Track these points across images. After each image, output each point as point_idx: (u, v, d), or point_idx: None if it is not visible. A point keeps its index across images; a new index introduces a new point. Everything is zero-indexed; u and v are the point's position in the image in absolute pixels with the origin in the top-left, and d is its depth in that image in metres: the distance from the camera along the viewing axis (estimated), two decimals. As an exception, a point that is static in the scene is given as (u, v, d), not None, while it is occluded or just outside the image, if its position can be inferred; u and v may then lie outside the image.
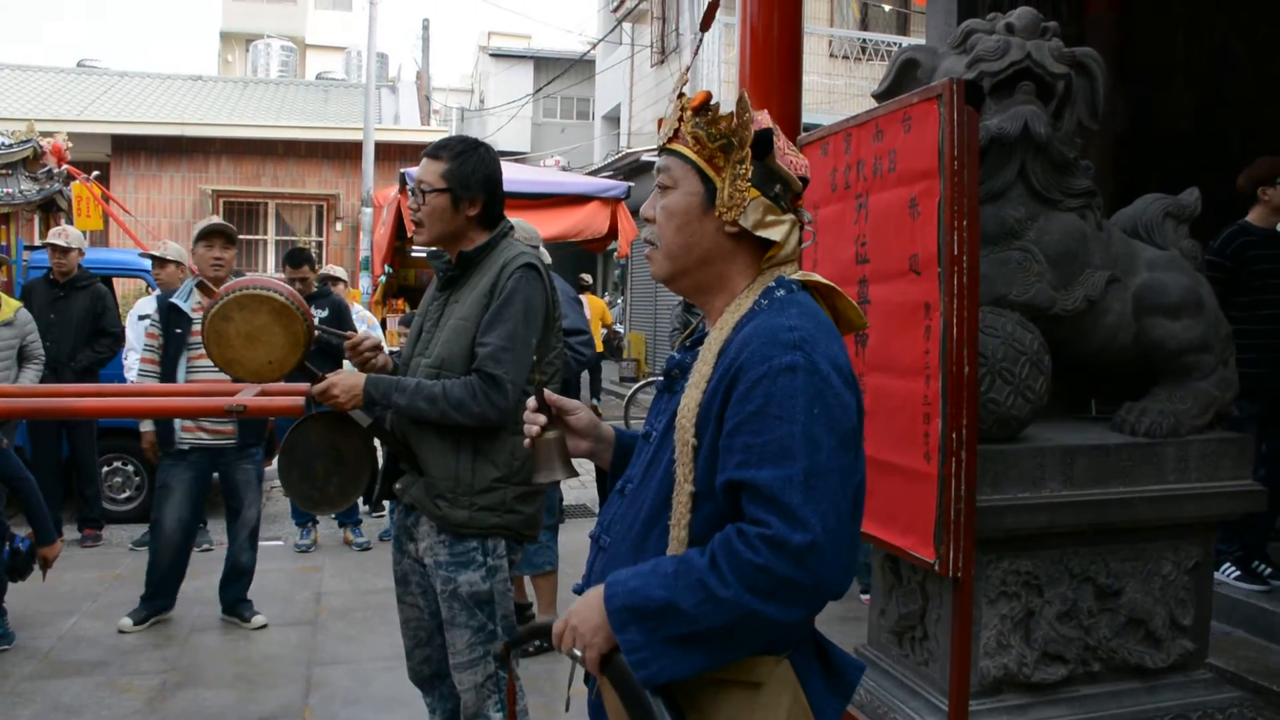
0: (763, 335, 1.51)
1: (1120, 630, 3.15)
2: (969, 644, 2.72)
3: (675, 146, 1.67)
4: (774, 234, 1.62)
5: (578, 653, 1.56)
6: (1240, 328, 3.81)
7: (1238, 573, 4.83)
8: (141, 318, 6.66)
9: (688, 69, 2.34)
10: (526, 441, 1.81)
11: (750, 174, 1.61)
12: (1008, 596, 3.03)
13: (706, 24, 4.69)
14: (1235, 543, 4.82)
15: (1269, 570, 4.82)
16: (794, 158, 1.66)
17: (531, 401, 1.80)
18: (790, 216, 1.65)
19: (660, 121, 1.72)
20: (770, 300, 1.59)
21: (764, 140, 1.62)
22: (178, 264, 6.72)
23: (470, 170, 2.79)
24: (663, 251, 1.68)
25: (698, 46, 13.89)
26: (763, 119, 1.65)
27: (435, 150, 2.83)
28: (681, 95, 1.66)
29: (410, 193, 2.85)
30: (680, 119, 1.66)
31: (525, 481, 2.75)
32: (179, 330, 5.03)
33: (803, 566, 1.39)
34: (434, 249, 2.90)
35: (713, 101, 1.65)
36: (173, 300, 5.09)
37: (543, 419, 1.78)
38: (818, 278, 1.67)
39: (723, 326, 1.60)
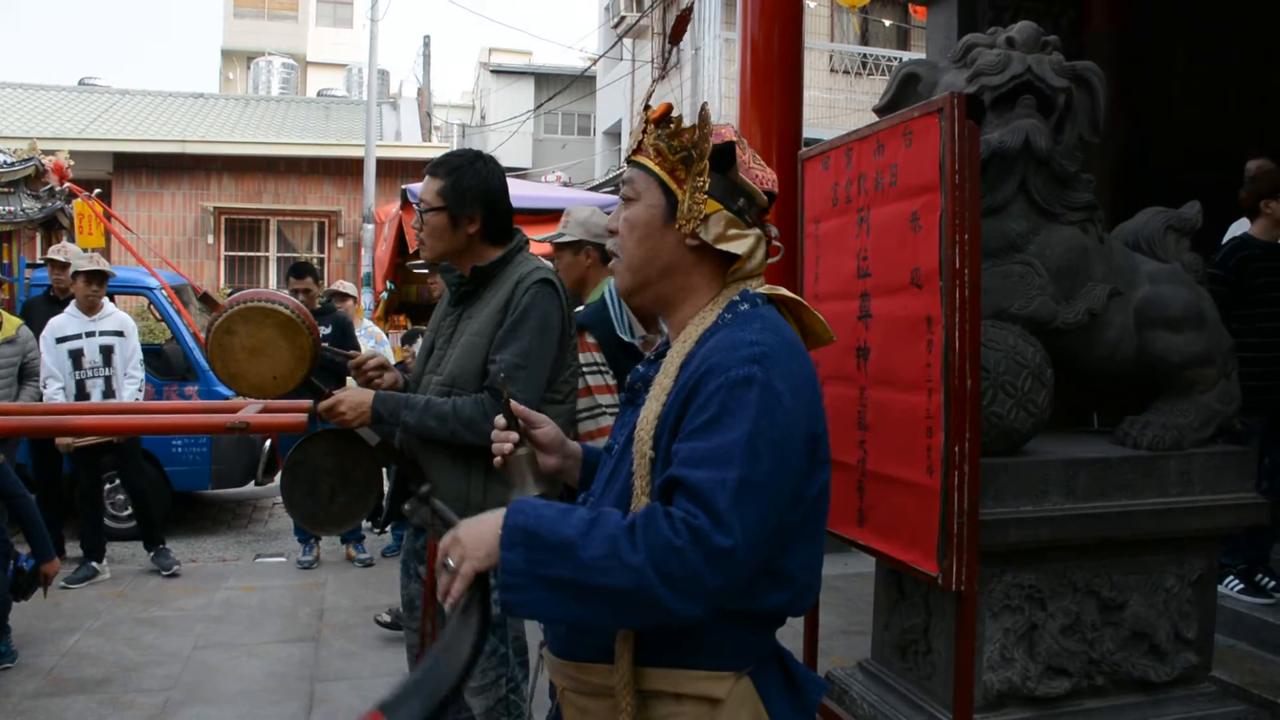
0: (724, 348, 1.49)
1: (1124, 644, 3.14)
2: (972, 658, 2.71)
3: (639, 158, 1.65)
4: (736, 248, 1.59)
5: (450, 563, 1.48)
6: (1242, 341, 3.81)
7: (1241, 586, 4.82)
8: (59, 340, 6.21)
9: (655, 83, 2.33)
10: (497, 461, 1.73)
11: (709, 187, 1.59)
12: (1011, 610, 3.03)
13: (676, 37, 4.73)
14: (1239, 556, 4.81)
15: (1273, 583, 4.80)
16: (760, 171, 1.64)
17: (500, 419, 1.73)
18: (755, 231, 1.63)
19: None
20: (734, 314, 1.57)
21: (725, 153, 1.60)
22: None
23: (466, 186, 2.71)
24: (625, 263, 1.66)
25: (665, 57, 13.86)
26: (726, 132, 1.63)
27: (433, 167, 2.77)
28: (647, 107, 1.65)
29: (416, 211, 2.80)
30: (644, 131, 1.64)
31: None
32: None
33: (715, 567, 1.36)
34: (445, 263, 2.83)
35: (674, 114, 1.63)
36: (619, 336, 3.54)
37: (515, 435, 1.71)
38: (784, 291, 1.65)
39: (686, 339, 1.58)
